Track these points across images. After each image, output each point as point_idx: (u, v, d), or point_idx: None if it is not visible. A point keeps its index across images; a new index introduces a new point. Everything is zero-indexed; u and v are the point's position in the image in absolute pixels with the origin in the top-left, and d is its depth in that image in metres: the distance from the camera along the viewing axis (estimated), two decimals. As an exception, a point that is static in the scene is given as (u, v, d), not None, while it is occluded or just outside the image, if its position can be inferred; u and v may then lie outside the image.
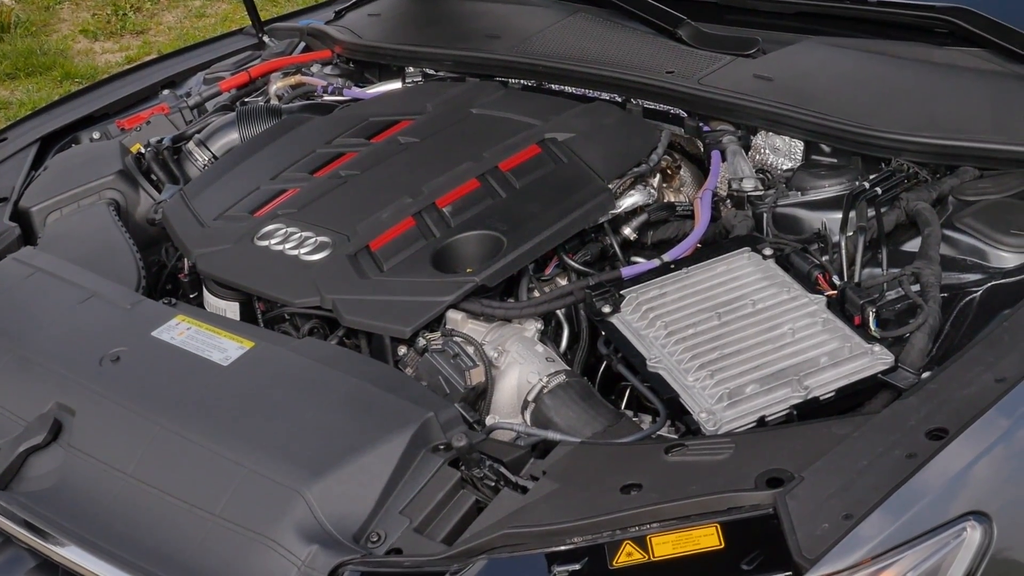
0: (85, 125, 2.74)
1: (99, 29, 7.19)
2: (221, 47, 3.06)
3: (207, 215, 2.18)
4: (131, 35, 7.17)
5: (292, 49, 2.92)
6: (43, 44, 6.91)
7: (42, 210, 2.37)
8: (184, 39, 6.90)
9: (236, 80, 2.75)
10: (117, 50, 6.92)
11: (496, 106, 2.38)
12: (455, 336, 1.83)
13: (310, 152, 2.31)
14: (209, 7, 7.57)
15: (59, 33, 7.23)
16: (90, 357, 1.86)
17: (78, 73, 6.46)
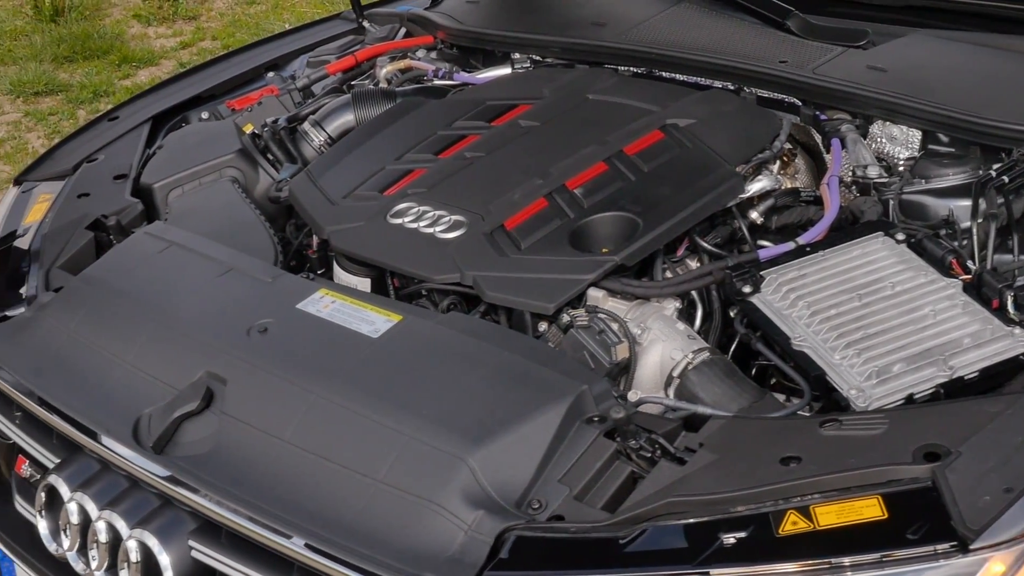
0: (194, 105, 2.79)
1: (151, 14, 7.25)
2: (321, 31, 3.10)
3: (335, 194, 2.22)
4: (183, 20, 7.22)
5: (394, 34, 2.96)
6: (97, 28, 6.96)
7: (164, 187, 2.42)
8: (236, 25, 6.98)
9: (343, 63, 2.79)
10: (171, 35, 6.98)
11: (612, 92, 2.42)
12: (599, 313, 1.87)
13: (431, 134, 2.35)
14: (259, -4, 7.63)
15: (111, 18, 7.29)
16: (237, 328, 1.90)
17: (135, 57, 6.52)
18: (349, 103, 2.56)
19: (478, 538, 1.53)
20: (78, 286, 2.14)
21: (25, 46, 6.68)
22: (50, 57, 6.50)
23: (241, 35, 6.83)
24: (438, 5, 3.03)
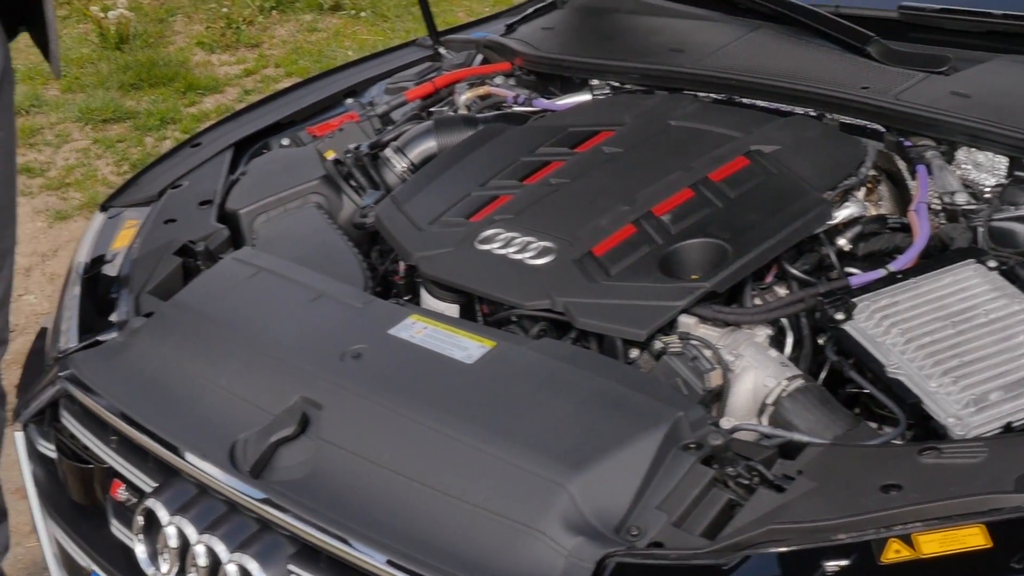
0: (274, 132, 2.82)
1: (214, 42, 7.34)
2: (397, 58, 3.13)
3: (422, 220, 2.24)
4: (246, 48, 7.30)
5: (470, 61, 2.99)
6: (161, 55, 7.05)
7: (250, 213, 2.45)
8: (298, 52, 7.04)
9: (422, 90, 2.82)
10: (234, 62, 7.06)
11: (694, 118, 2.43)
12: (692, 340, 1.88)
13: (515, 160, 2.37)
14: (320, 21, 7.71)
15: (175, 45, 7.38)
16: (330, 354, 1.92)
17: (200, 84, 6.60)
18: (431, 130, 2.58)
19: (579, 564, 1.54)
20: (169, 311, 2.16)
21: (92, 74, 6.77)
22: (117, 85, 6.59)
23: (303, 62, 6.90)
24: (513, 31, 3.05)
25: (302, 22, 7.71)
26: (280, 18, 7.80)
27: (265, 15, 7.79)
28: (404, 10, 7.77)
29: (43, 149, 5.88)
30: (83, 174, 5.65)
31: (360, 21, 7.65)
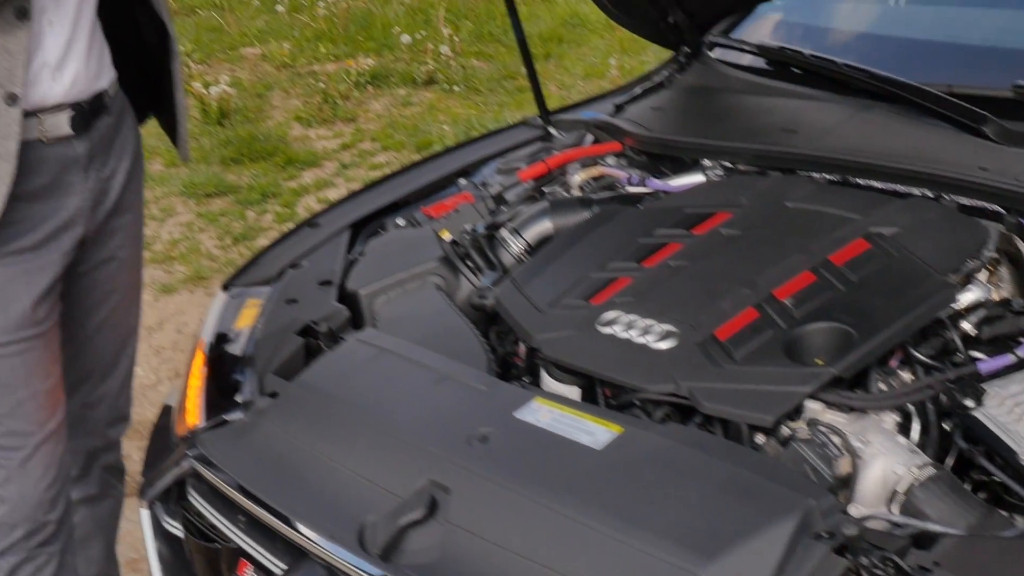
0: (390, 212, 2.87)
1: (312, 116, 7.47)
2: (508, 138, 3.17)
3: (542, 302, 2.26)
4: (342, 122, 7.42)
5: (581, 141, 3.02)
6: (261, 130, 7.19)
7: (370, 293, 2.49)
8: (393, 127, 7.14)
9: (534, 171, 2.85)
10: (331, 136, 7.17)
11: (811, 200, 2.44)
12: (819, 426, 1.87)
13: (633, 242, 2.39)
14: (414, 95, 7.82)
15: (274, 120, 7.52)
16: (456, 437, 1.94)
17: (299, 158, 6.71)
18: (546, 211, 2.61)
19: (714, 653, 1.54)
20: (294, 392, 2.20)
21: (194, 148, 6.92)
22: (218, 159, 6.72)
23: (398, 136, 7.00)
24: (622, 111, 3.08)
25: (396, 96, 7.83)
26: (375, 92, 7.93)
27: (360, 90, 7.92)
28: (496, 84, 7.87)
29: (148, 223, 5.99)
30: (187, 248, 5.75)
31: (453, 95, 7.75)
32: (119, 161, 2.61)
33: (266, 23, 9.77)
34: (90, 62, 2.49)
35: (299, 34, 9.31)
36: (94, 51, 2.51)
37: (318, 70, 8.48)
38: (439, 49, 8.27)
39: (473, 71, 8.12)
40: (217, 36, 9.47)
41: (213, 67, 8.71)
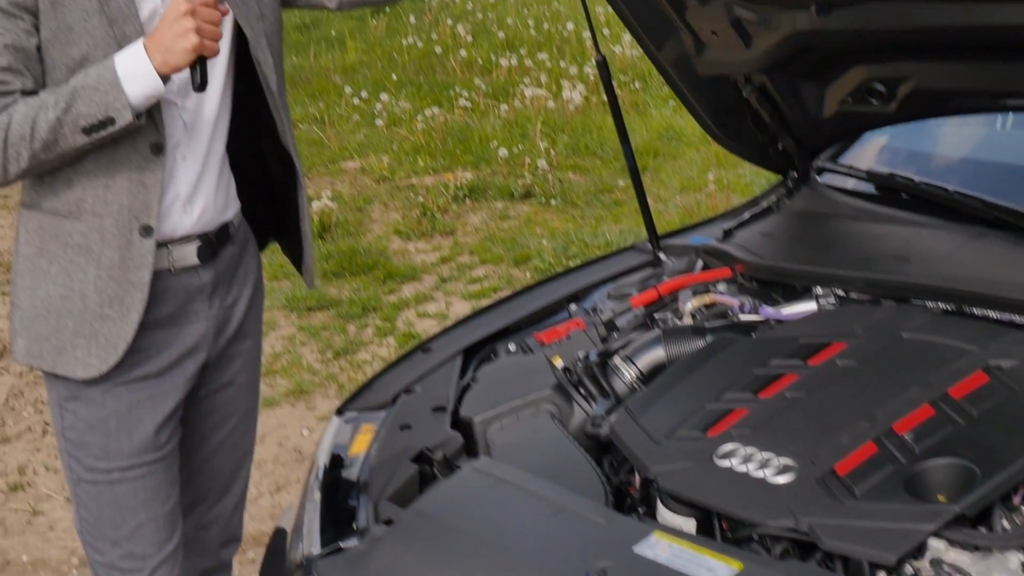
0: (502, 337, 2.90)
1: (410, 230, 7.57)
2: (618, 263, 3.20)
3: (658, 432, 2.27)
4: (441, 236, 7.51)
5: (691, 267, 3.04)
6: (361, 244, 7.30)
7: (484, 421, 2.51)
8: (491, 240, 7.21)
9: (646, 297, 2.87)
10: (430, 250, 7.26)
11: (927, 331, 2.43)
12: (944, 565, 1.85)
13: (748, 373, 2.39)
14: (511, 209, 7.89)
15: (373, 233, 7.64)
16: (575, 571, 1.94)
17: (398, 272, 6.79)
18: (659, 339, 2.63)
19: None
20: (410, 520, 2.22)
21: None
22: (320, 273, 6.83)
23: (496, 250, 7.06)
24: (731, 237, 3.10)
25: (494, 209, 7.92)
26: (473, 206, 8.02)
27: (459, 203, 8.03)
28: (593, 197, 7.93)
29: (251, 336, 6.10)
30: (289, 361, 5.83)
31: (550, 209, 7.81)
32: (242, 288, 2.68)
33: (365, 137, 9.96)
34: (218, 195, 2.57)
35: (398, 147, 9.48)
36: (222, 184, 2.59)
37: (417, 183, 8.61)
38: (536, 163, 8.36)
39: (570, 184, 8.19)
40: (318, 150, 9.67)
41: (314, 180, 8.87)
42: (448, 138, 9.37)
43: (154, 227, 2.45)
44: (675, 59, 3.04)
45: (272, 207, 2.81)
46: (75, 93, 2.30)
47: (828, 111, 3.03)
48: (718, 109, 3.19)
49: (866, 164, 3.21)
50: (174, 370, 2.56)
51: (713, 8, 2.79)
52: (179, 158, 2.50)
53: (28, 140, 2.30)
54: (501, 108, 9.98)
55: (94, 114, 2.30)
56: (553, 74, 10.79)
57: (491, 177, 8.48)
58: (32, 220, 2.50)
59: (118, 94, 2.29)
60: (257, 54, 2.56)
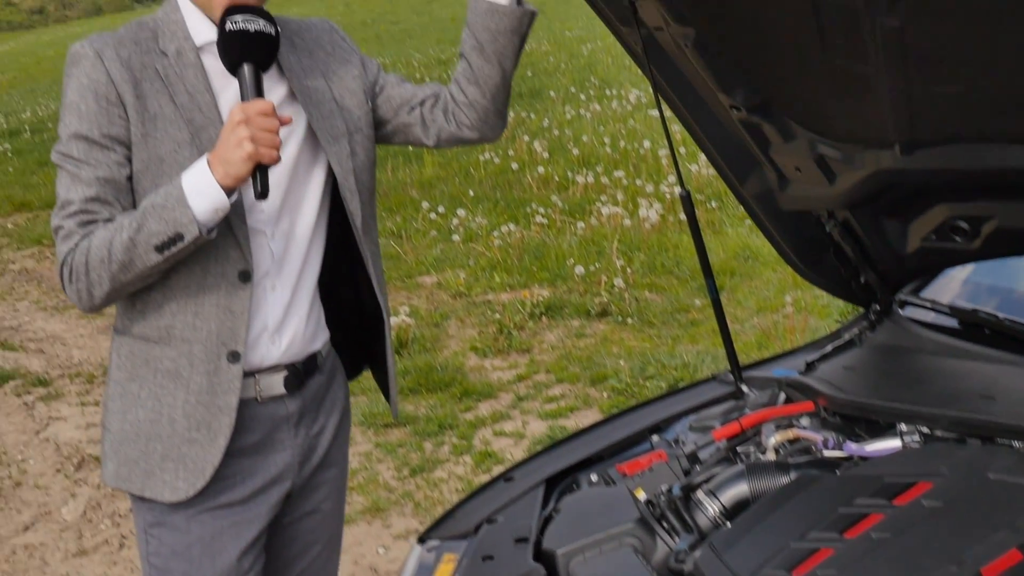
0: (583, 467, 2.91)
1: (487, 346, 7.62)
2: (699, 394, 3.21)
3: (743, 570, 2.26)
4: (517, 353, 7.55)
5: (774, 400, 3.04)
6: (438, 360, 7.36)
7: (567, 554, 2.51)
8: (568, 358, 7.24)
9: (728, 430, 2.87)
10: (506, 367, 7.30)
11: (1014, 472, 2.40)
12: None
13: (833, 511, 2.38)
14: (588, 327, 7.93)
15: (449, 349, 7.70)
16: None
17: (474, 390, 6.83)
18: (743, 474, 2.62)
19: None
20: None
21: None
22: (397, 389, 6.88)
23: (573, 368, 7.09)
24: (814, 370, 3.10)
25: (570, 327, 7.96)
26: (549, 323, 8.07)
27: (535, 320, 8.08)
28: (669, 317, 7.95)
29: (328, 452, 6.14)
30: (365, 478, 5.86)
31: (626, 327, 7.84)
32: (328, 418, 2.72)
33: (442, 252, 10.09)
34: (308, 325, 2.63)
35: (474, 263, 9.59)
36: (312, 315, 2.64)
37: (493, 300, 8.69)
38: (612, 281, 8.42)
39: (646, 303, 8.23)
40: (395, 264, 9.80)
41: (391, 295, 8.98)
42: (524, 255, 9.47)
43: (241, 353, 2.51)
44: (757, 193, 3.07)
45: (363, 336, 2.86)
46: (146, 212, 2.37)
47: (911, 247, 3.04)
48: (800, 242, 3.21)
49: (949, 298, 3.21)
50: (258, 498, 2.60)
51: (797, 145, 2.83)
52: (268, 287, 2.56)
53: (107, 263, 2.37)
54: (577, 225, 10.08)
55: (164, 231, 2.36)
56: (630, 192, 10.90)
57: (567, 295, 8.54)
58: (124, 345, 2.57)
59: (184, 210, 2.35)
60: (345, 192, 2.63)
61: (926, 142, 2.58)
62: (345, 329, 2.83)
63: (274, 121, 2.36)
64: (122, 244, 2.35)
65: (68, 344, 8.70)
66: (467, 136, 2.75)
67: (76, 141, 2.42)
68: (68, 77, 2.45)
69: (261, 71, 2.40)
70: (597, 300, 8.22)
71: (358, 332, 2.86)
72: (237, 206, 2.45)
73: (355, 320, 2.83)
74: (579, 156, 12.98)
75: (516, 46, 2.66)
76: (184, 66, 2.48)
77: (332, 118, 2.62)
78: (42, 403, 7.46)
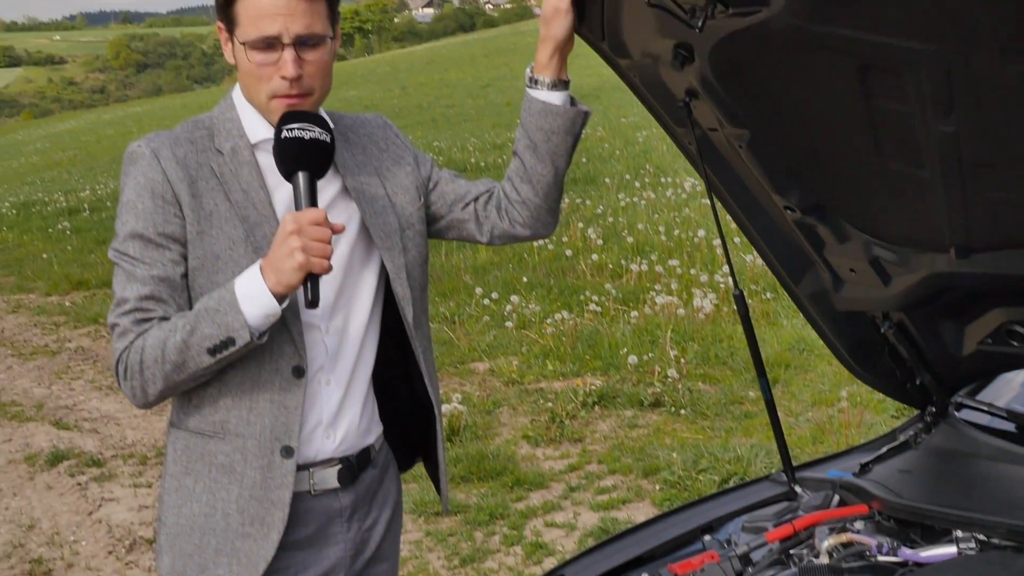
0: (635, 566, 2.90)
1: (539, 435, 7.61)
2: (751, 494, 3.19)
3: None
4: (569, 442, 7.53)
5: (827, 502, 3.01)
6: (489, 448, 7.35)
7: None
8: (620, 449, 7.21)
9: (781, 532, 2.85)
10: (558, 457, 7.28)
11: (1075, 581, 2.38)
12: None
13: (888, 619, 2.36)
14: (640, 417, 7.90)
15: (501, 437, 7.69)
16: None
17: (526, 479, 6.81)
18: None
19: None
20: None
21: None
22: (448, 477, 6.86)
23: (625, 459, 7.05)
24: (868, 472, 3.08)
25: (623, 418, 7.93)
26: (602, 413, 8.05)
27: (587, 409, 8.06)
28: (723, 408, 7.90)
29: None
30: (415, 567, 5.84)
31: (679, 419, 7.80)
32: (381, 511, 2.73)
33: (495, 338, 10.10)
34: (362, 419, 2.65)
35: (527, 350, 9.59)
36: (366, 408, 2.67)
37: (546, 387, 8.69)
38: (666, 371, 8.39)
39: (699, 394, 8.19)
40: (448, 350, 9.82)
41: (444, 381, 9.00)
42: (578, 343, 9.47)
43: (295, 448, 2.53)
44: (812, 292, 3.07)
45: (415, 428, 2.87)
46: (199, 315, 2.41)
47: (967, 350, 3.03)
48: (855, 343, 3.20)
49: (1006, 401, 3.19)
50: (309, 591, 2.61)
51: (852, 246, 2.83)
52: (322, 382, 2.59)
53: (161, 363, 2.41)
54: (631, 314, 10.07)
55: (216, 335, 2.40)
56: (684, 281, 10.88)
57: (620, 384, 8.52)
58: (179, 439, 2.60)
59: (236, 315, 2.39)
60: (396, 287, 2.66)
61: (981, 247, 2.58)
62: (397, 422, 2.84)
63: (326, 231, 2.39)
64: (176, 346, 2.39)
65: (122, 424, 8.77)
66: (520, 233, 2.79)
67: (132, 240, 2.47)
68: (126, 176, 2.51)
69: (316, 178, 2.45)
70: (650, 390, 8.19)
71: (410, 425, 2.87)
72: (291, 302, 2.48)
73: (407, 413, 2.85)
74: (633, 244, 13.00)
75: (569, 145, 2.69)
76: (239, 164, 2.54)
77: (385, 215, 2.66)
78: (95, 483, 7.51)
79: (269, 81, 2.50)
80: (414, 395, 2.82)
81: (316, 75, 2.52)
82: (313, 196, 2.43)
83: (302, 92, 2.51)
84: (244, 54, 2.50)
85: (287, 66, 2.47)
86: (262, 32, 2.47)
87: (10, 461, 8.12)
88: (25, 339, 12.45)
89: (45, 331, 12.81)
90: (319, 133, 2.43)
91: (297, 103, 2.50)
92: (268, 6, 2.45)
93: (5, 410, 9.45)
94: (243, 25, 2.48)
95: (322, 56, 2.53)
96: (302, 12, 2.46)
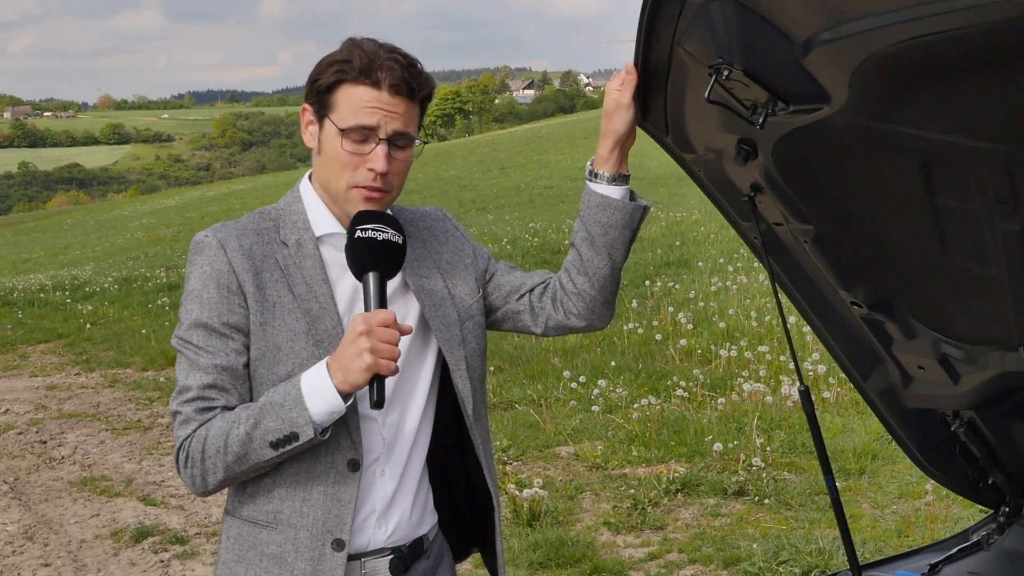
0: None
1: (620, 522, 7.53)
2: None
3: None
4: (651, 530, 7.45)
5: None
6: (569, 534, 7.29)
7: None
8: (702, 538, 7.12)
9: (844, 634, 2.80)
10: (638, 544, 7.20)
11: None
12: None
13: None
14: (723, 506, 7.80)
15: (582, 523, 7.62)
16: None
17: (605, 567, 6.74)
18: None
19: None
20: None
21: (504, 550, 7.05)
22: (526, 563, 6.83)
23: (706, 549, 6.96)
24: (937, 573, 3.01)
25: (706, 505, 7.83)
26: (684, 500, 7.96)
27: (670, 497, 7.98)
28: (808, 499, 7.77)
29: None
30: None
31: (763, 508, 7.69)
32: (434, 602, 2.71)
33: (581, 422, 10.05)
34: (415, 509, 2.65)
35: (612, 435, 9.53)
36: (420, 498, 2.66)
37: (629, 473, 8.61)
38: (751, 459, 8.29)
39: (784, 484, 8.06)
40: (533, 433, 9.79)
41: (527, 464, 8.97)
42: (664, 428, 9.39)
43: (347, 541, 2.53)
44: (881, 389, 3.03)
45: (472, 518, 2.86)
46: (264, 409, 2.43)
47: (1040, 450, 2.97)
48: (925, 441, 3.15)
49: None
50: None
51: (920, 343, 2.79)
52: (377, 473, 2.59)
53: (222, 454, 2.44)
54: (718, 400, 9.98)
55: (280, 429, 2.42)
56: (773, 367, 10.77)
57: (704, 472, 8.42)
58: (233, 527, 2.61)
59: (301, 411, 2.41)
60: (456, 379, 2.66)
61: (1051, 346, 2.53)
62: (454, 512, 2.83)
63: (395, 333, 2.41)
64: (238, 438, 2.42)
65: (208, 502, 8.84)
66: (574, 325, 2.78)
67: (196, 329, 2.51)
68: (192, 265, 2.55)
69: (386, 279, 2.47)
70: (734, 478, 8.09)
71: (468, 515, 2.86)
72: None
73: (465, 503, 2.84)
74: (724, 329, 12.91)
75: (627, 239, 2.69)
76: (303, 256, 2.56)
77: (444, 307, 2.67)
78: (177, 561, 7.56)
79: (355, 171, 2.53)
80: (471, 485, 2.82)
81: (399, 174, 2.56)
82: (383, 297, 2.45)
83: (383, 188, 2.54)
84: (336, 140, 2.52)
85: (378, 160, 2.50)
86: (361, 121, 2.50)
87: (96, 536, 8.22)
88: (119, 414, 12.64)
89: (139, 406, 13.01)
90: (392, 235, 2.46)
91: (377, 197, 2.53)
92: (371, 99, 2.48)
93: (95, 485, 9.59)
94: (341, 111, 2.51)
95: (408, 157, 2.56)
96: (402, 111, 2.50)
